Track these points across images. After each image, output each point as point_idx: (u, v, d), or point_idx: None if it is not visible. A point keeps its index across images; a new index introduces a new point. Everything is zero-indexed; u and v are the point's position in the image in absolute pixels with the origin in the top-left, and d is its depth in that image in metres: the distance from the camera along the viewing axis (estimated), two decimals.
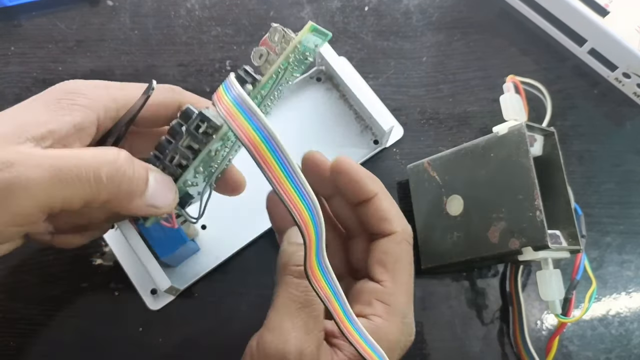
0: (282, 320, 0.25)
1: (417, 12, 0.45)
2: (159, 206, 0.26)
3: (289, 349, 0.24)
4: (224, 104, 0.22)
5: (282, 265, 0.26)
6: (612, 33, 0.39)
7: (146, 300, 0.37)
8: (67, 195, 0.23)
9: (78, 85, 0.26)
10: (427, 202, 0.38)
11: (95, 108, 0.26)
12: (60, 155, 0.23)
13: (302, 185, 0.22)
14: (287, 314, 0.25)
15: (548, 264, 0.33)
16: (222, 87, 0.22)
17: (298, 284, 0.25)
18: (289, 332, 0.24)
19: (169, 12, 0.45)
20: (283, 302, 0.25)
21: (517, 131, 0.33)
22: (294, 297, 0.25)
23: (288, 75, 0.28)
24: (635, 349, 0.38)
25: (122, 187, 0.24)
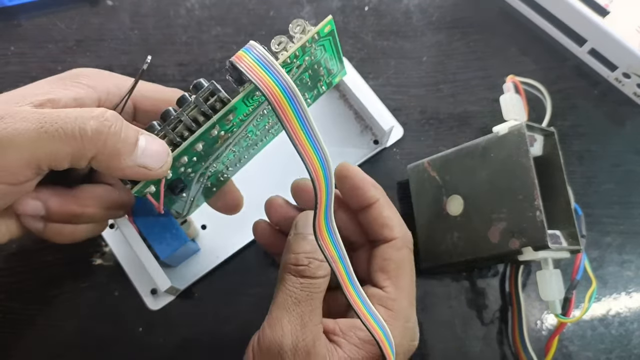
0: (280, 315, 0.26)
1: (417, 12, 0.45)
2: (150, 167, 0.25)
3: (285, 341, 0.25)
4: (245, 62, 0.23)
5: (283, 263, 0.28)
6: (612, 33, 0.39)
7: (146, 300, 0.37)
8: (53, 149, 0.23)
9: (84, 70, 0.27)
10: (427, 202, 0.38)
11: (98, 89, 0.26)
12: (47, 111, 0.23)
13: (316, 139, 0.23)
14: (285, 309, 0.26)
15: (548, 264, 0.33)
16: (242, 50, 0.23)
17: (295, 281, 0.27)
18: (285, 326, 0.26)
19: (169, 12, 0.45)
20: (281, 298, 0.26)
21: (517, 131, 0.33)
22: (291, 293, 0.26)
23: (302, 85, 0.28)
24: (635, 349, 0.38)
25: (108, 143, 0.23)
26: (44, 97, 0.24)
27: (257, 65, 0.23)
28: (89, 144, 0.23)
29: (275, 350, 0.26)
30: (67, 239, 0.28)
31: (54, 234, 0.28)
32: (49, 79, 0.26)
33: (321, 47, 0.27)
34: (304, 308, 0.26)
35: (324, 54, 0.28)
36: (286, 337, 0.25)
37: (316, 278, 0.27)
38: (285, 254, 0.28)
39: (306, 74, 0.28)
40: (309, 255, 0.27)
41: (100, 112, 0.24)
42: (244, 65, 0.23)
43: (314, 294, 0.27)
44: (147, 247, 0.34)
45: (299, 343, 0.25)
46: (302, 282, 0.26)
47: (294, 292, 0.26)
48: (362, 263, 0.31)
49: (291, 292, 0.26)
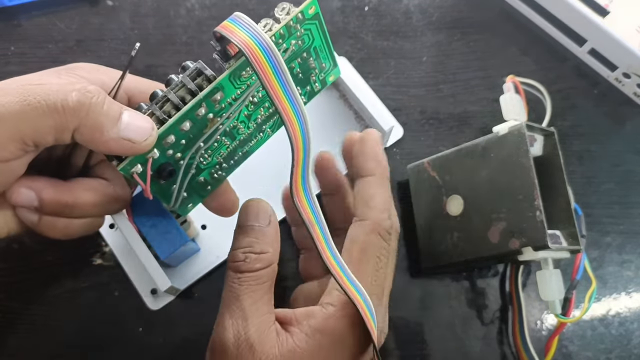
0: (223, 312, 0.26)
1: (417, 12, 0.45)
2: (134, 140, 0.24)
3: (227, 336, 0.25)
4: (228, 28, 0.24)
5: (228, 258, 0.27)
6: (612, 33, 0.39)
7: (146, 300, 0.37)
8: (37, 123, 0.23)
9: (80, 64, 0.27)
10: (427, 202, 0.38)
11: (91, 80, 0.26)
12: (30, 86, 0.24)
13: (293, 95, 0.24)
14: (226, 305, 0.26)
15: (548, 264, 0.33)
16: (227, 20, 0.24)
17: (234, 276, 0.27)
18: (226, 321, 0.26)
19: (169, 12, 0.45)
20: (225, 295, 0.27)
21: (517, 131, 0.33)
22: (231, 288, 0.26)
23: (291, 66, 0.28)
24: (635, 349, 0.38)
25: (90, 115, 0.24)
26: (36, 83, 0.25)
27: (238, 28, 0.24)
28: (71, 116, 0.23)
29: (219, 347, 0.26)
30: (61, 233, 0.28)
31: (47, 227, 0.27)
32: (44, 71, 0.27)
33: (308, 33, 0.27)
34: (244, 302, 0.26)
35: (312, 40, 0.28)
36: (227, 332, 0.26)
37: (254, 271, 0.26)
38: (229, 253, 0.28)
39: (295, 62, 0.28)
40: (245, 250, 0.27)
41: (82, 85, 0.24)
42: (226, 31, 0.24)
43: (254, 286, 0.26)
44: (147, 247, 0.34)
45: (241, 337, 0.25)
46: (240, 276, 0.26)
47: (233, 287, 0.26)
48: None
49: (231, 287, 0.26)
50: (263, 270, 0.27)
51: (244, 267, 0.27)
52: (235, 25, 0.24)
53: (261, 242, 0.27)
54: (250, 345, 0.25)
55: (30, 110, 0.23)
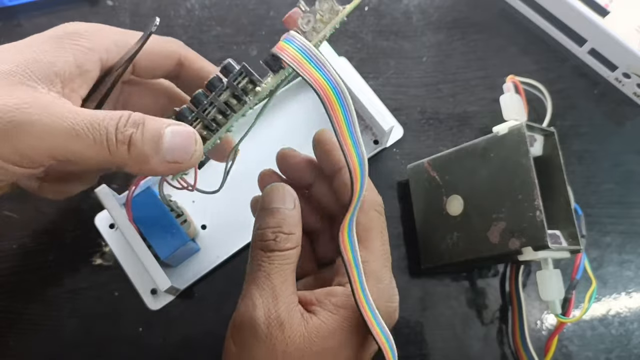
0: (251, 290, 0.27)
1: (417, 12, 0.45)
2: (180, 161, 0.25)
3: (257, 314, 0.26)
4: (289, 53, 0.24)
5: (252, 238, 0.28)
6: (612, 33, 0.39)
7: (146, 300, 0.37)
8: (81, 152, 0.23)
9: (79, 27, 0.26)
10: (427, 202, 0.38)
11: (97, 50, 0.26)
12: (79, 115, 0.23)
13: (356, 135, 0.25)
14: (255, 283, 0.27)
15: (548, 264, 0.33)
16: (283, 41, 0.24)
17: (264, 255, 0.27)
18: (257, 299, 0.26)
19: (169, 12, 0.45)
20: (252, 273, 0.27)
21: (517, 131, 0.33)
22: (261, 267, 0.27)
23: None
24: (635, 349, 0.38)
25: (133, 150, 0.24)
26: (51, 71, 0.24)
27: (303, 58, 0.24)
28: (117, 157, 0.23)
29: (247, 324, 0.26)
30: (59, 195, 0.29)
31: (47, 191, 0.28)
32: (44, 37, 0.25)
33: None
34: (274, 280, 0.26)
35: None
36: (258, 309, 0.26)
37: (284, 250, 0.27)
38: (254, 230, 0.28)
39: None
40: (275, 230, 0.27)
41: (124, 119, 0.24)
42: (288, 57, 0.24)
43: (283, 265, 0.27)
44: (147, 247, 0.34)
45: (272, 314, 0.26)
46: (270, 255, 0.27)
47: (264, 266, 0.27)
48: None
49: (260, 266, 0.27)
50: (292, 250, 0.27)
51: (274, 246, 0.27)
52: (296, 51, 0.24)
53: (289, 224, 0.28)
54: (281, 323, 0.26)
55: (77, 140, 0.23)
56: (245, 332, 0.26)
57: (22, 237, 0.39)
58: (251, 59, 0.43)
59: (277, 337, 0.26)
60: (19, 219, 0.39)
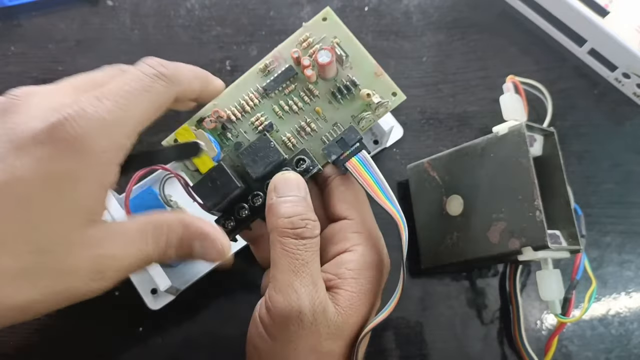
0: (289, 279, 0.26)
1: (417, 12, 0.45)
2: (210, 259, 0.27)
3: (303, 304, 0.26)
4: (356, 167, 0.29)
5: (275, 227, 0.27)
6: (612, 33, 0.39)
7: (146, 300, 0.37)
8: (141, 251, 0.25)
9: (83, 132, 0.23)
10: (427, 202, 0.38)
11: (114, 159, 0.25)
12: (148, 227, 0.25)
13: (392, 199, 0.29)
14: (293, 272, 0.26)
15: (548, 264, 0.33)
16: (355, 158, 0.29)
17: (297, 243, 0.27)
18: (298, 289, 0.26)
19: (169, 12, 0.45)
20: (286, 262, 0.27)
21: (517, 131, 0.33)
22: (297, 255, 0.27)
23: None
24: (635, 349, 0.38)
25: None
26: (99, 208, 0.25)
27: (363, 169, 0.29)
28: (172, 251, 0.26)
29: (294, 315, 0.26)
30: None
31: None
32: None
33: None
34: (312, 268, 0.27)
35: None
36: (303, 299, 0.26)
37: (315, 237, 0.27)
38: (275, 218, 0.27)
39: None
40: (303, 217, 0.27)
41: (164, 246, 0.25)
42: (354, 169, 0.29)
43: (316, 252, 0.27)
44: None
45: (315, 302, 0.26)
46: (305, 242, 0.27)
47: (300, 254, 0.26)
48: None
49: (296, 254, 0.26)
50: (319, 237, 0.28)
51: (307, 234, 0.27)
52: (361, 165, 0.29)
53: (311, 210, 0.28)
54: (323, 308, 0.26)
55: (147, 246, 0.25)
56: (291, 324, 0.26)
57: None
58: (251, 59, 0.43)
59: (321, 322, 0.26)
60: None
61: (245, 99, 0.31)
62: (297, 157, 0.30)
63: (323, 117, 0.31)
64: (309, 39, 0.31)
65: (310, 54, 0.31)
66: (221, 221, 0.30)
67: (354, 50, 0.32)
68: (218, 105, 0.31)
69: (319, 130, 0.31)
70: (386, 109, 0.31)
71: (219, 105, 0.31)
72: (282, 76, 0.31)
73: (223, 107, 0.31)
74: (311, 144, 0.31)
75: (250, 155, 0.29)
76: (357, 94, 0.31)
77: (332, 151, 0.30)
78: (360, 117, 0.31)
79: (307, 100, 0.31)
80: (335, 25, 0.32)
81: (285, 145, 0.31)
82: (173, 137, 0.32)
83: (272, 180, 0.29)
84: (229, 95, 0.32)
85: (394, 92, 0.31)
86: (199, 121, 0.31)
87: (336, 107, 0.31)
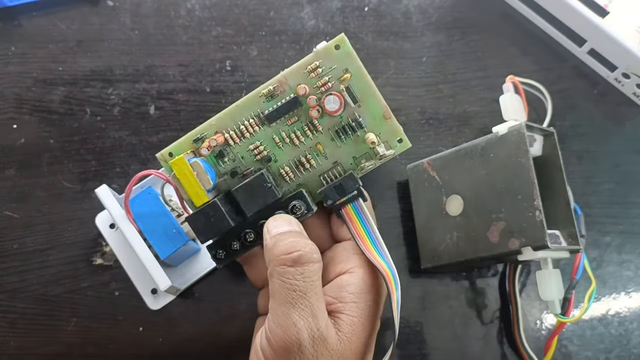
0: (287, 311, 0.26)
1: (417, 12, 0.45)
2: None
3: (302, 336, 0.25)
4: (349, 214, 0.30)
5: (273, 260, 0.27)
6: (612, 33, 0.39)
7: (146, 300, 0.37)
8: None
9: None
10: (426, 202, 0.38)
11: None
12: None
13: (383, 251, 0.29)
14: (291, 304, 0.26)
15: (547, 263, 0.33)
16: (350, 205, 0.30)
17: (294, 271, 0.26)
18: (297, 322, 0.25)
19: (169, 12, 0.45)
20: (285, 294, 0.26)
21: (516, 131, 0.33)
22: (294, 286, 0.26)
23: None
24: (634, 349, 0.38)
25: None
26: None
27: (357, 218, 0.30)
28: None
29: (294, 348, 0.25)
30: None
31: None
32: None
33: None
34: (311, 299, 0.26)
35: None
36: (302, 332, 0.25)
37: (314, 262, 0.26)
38: (272, 253, 0.27)
39: None
40: (299, 243, 0.26)
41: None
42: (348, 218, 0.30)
43: (316, 281, 0.26)
44: (148, 247, 0.34)
45: (315, 334, 0.25)
46: (303, 271, 0.26)
47: (297, 284, 0.26)
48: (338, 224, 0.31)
49: (293, 284, 0.26)
50: (320, 262, 0.27)
51: (305, 258, 0.26)
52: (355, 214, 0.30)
53: (305, 238, 0.27)
54: (324, 339, 0.26)
55: None
56: (292, 357, 0.26)
57: (23, 236, 0.39)
58: (251, 59, 0.43)
59: (322, 352, 0.26)
60: (20, 218, 0.39)
61: (245, 124, 0.30)
62: (293, 203, 0.29)
63: (324, 154, 0.30)
64: (319, 68, 0.29)
65: (319, 93, 0.30)
66: (212, 250, 0.30)
67: (364, 86, 0.30)
68: (216, 125, 0.30)
69: (317, 167, 0.30)
70: (389, 159, 0.30)
71: (217, 125, 0.30)
72: (286, 107, 0.30)
73: (221, 127, 0.30)
74: (308, 179, 0.30)
75: (245, 192, 0.29)
76: (362, 136, 0.30)
77: (329, 196, 0.29)
78: (361, 166, 0.30)
79: (309, 134, 0.30)
80: (348, 56, 0.29)
81: (282, 177, 0.30)
82: (168, 151, 0.30)
83: (265, 224, 0.28)
84: (228, 116, 0.30)
85: (400, 139, 0.31)
86: (196, 141, 0.30)
87: (338, 145, 0.30)
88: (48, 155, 0.41)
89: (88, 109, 0.42)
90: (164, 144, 0.36)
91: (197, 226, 0.29)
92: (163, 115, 0.42)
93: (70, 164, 0.40)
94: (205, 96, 0.42)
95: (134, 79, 0.43)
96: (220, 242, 0.30)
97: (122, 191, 0.37)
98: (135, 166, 0.40)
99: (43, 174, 0.40)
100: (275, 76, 0.30)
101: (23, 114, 0.41)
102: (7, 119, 0.41)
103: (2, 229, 0.39)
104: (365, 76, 0.30)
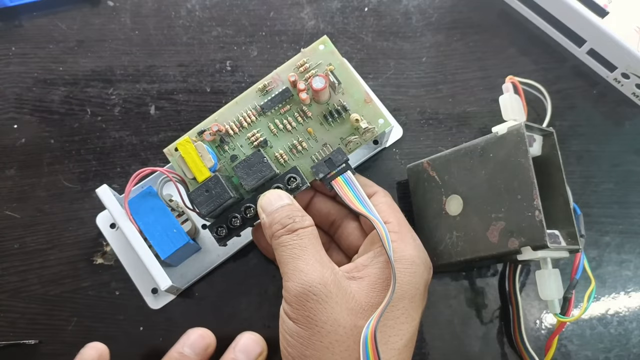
0: (293, 265, 0.28)
1: (417, 12, 0.45)
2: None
3: (311, 278, 0.28)
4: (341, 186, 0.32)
5: (271, 234, 0.30)
6: (611, 33, 0.40)
7: (147, 300, 0.37)
8: None
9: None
10: (426, 202, 0.38)
11: None
12: None
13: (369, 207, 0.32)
14: (295, 259, 0.29)
15: (547, 263, 0.33)
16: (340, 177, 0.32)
17: (291, 236, 0.29)
18: (304, 269, 0.28)
19: (170, 13, 0.45)
20: (286, 254, 0.29)
21: (516, 131, 0.33)
22: (294, 245, 0.29)
23: None
24: (634, 348, 0.38)
25: None
26: None
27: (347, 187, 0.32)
28: None
29: (306, 291, 0.27)
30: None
31: None
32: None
33: None
34: (310, 250, 0.29)
35: None
36: (310, 275, 0.28)
37: (306, 227, 0.30)
38: (270, 230, 0.30)
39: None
40: (290, 216, 0.30)
41: None
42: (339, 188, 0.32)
43: (312, 239, 0.29)
44: (148, 247, 0.34)
45: (325, 275, 0.28)
46: (299, 233, 0.29)
47: (296, 243, 0.29)
48: (349, 232, 0.35)
49: (293, 245, 0.29)
50: (312, 226, 0.30)
51: (297, 225, 0.30)
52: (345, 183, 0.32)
53: (298, 209, 0.31)
54: (337, 283, 0.28)
55: None
56: (307, 301, 0.27)
57: (23, 236, 0.39)
58: (251, 59, 0.43)
59: (336, 294, 0.27)
60: (20, 218, 0.39)
61: (244, 115, 0.34)
62: (289, 175, 0.32)
63: (314, 137, 0.34)
64: (306, 64, 0.34)
65: (306, 78, 0.34)
66: (214, 228, 0.32)
67: (347, 76, 0.34)
68: (218, 120, 0.34)
69: (309, 149, 0.34)
70: (373, 134, 0.33)
71: (219, 120, 0.34)
72: (279, 97, 0.34)
73: (222, 121, 0.34)
74: (301, 161, 0.33)
75: (244, 168, 0.32)
76: (347, 118, 0.33)
77: (320, 170, 0.32)
78: (348, 140, 0.33)
79: (300, 120, 0.34)
80: (330, 52, 0.34)
81: (277, 160, 0.33)
82: (174, 146, 0.34)
83: (258, 202, 0.31)
84: (228, 111, 0.34)
85: (381, 119, 0.34)
86: (200, 133, 0.34)
87: (327, 128, 0.34)
88: (48, 155, 0.41)
89: (88, 109, 0.42)
90: (164, 144, 0.36)
91: (199, 199, 0.32)
92: (163, 115, 0.42)
93: (71, 164, 0.41)
94: (206, 96, 0.42)
95: (135, 79, 0.43)
96: (221, 218, 0.32)
97: (122, 191, 0.37)
98: (135, 166, 0.41)
99: (43, 174, 0.40)
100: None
101: (24, 114, 0.42)
102: (7, 119, 0.41)
103: (2, 229, 0.39)
104: (347, 68, 0.34)
